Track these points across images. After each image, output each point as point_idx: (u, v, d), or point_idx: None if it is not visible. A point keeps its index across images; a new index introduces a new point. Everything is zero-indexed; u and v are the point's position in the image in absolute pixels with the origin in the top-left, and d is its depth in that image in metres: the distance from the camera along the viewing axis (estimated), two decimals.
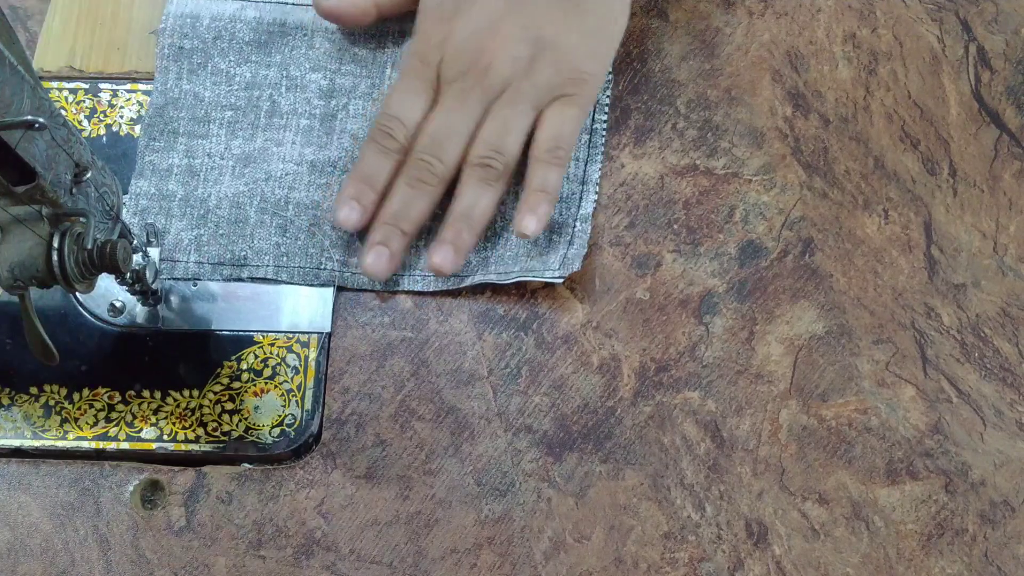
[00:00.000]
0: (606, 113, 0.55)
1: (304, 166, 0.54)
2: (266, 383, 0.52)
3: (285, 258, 0.53)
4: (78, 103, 0.55)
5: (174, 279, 0.53)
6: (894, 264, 0.54)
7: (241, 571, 0.50)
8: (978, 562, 0.51)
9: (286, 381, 0.52)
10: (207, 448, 0.51)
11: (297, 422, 0.52)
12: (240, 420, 0.52)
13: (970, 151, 0.56)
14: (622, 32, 0.54)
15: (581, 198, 0.54)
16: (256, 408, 0.52)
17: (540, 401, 0.52)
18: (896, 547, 0.51)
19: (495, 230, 0.54)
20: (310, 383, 0.52)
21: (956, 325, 0.54)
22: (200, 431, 0.52)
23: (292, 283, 0.53)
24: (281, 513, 0.51)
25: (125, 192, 0.53)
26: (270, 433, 0.52)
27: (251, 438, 0.51)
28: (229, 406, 0.52)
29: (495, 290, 0.54)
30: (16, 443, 0.51)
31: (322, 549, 0.51)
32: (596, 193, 0.54)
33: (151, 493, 0.51)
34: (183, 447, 0.51)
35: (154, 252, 0.52)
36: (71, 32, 0.57)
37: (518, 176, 0.53)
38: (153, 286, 0.52)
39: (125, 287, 0.52)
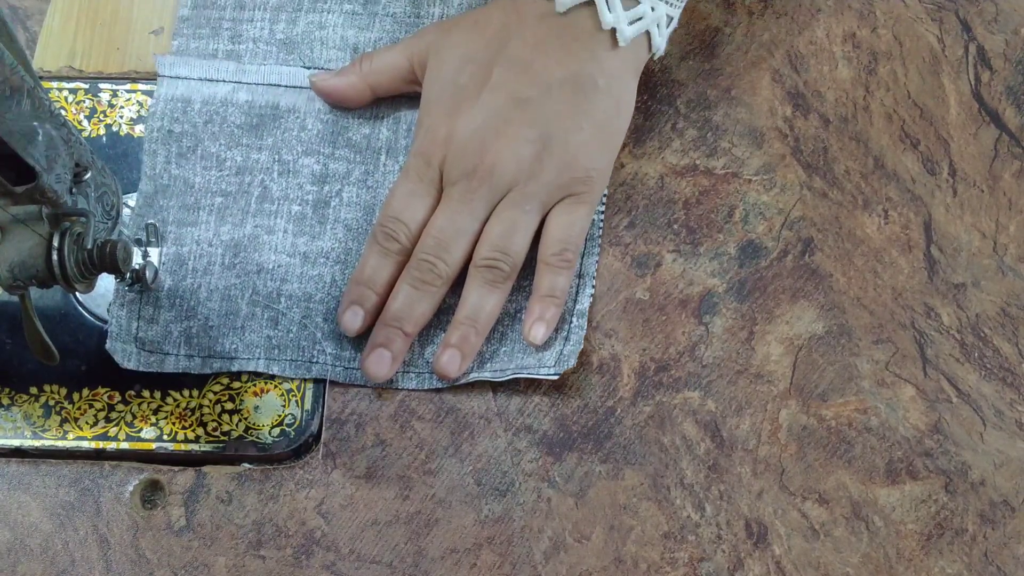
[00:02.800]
0: (603, 203, 0.54)
1: (296, 257, 0.53)
2: (266, 383, 0.52)
3: (276, 351, 0.52)
4: (78, 103, 0.55)
5: (162, 372, 0.52)
6: (894, 264, 0.54)
7: (241, 571, 0.50)
8: (978, 562, 0.51)
9: (286, 381, 0.52)
10: (207, 448, 0.51)
11: (297, 422, 0.52)
12: (240, 420, 0.52)
13: (970, 151, 0.56)
14: (628, 121, 0.53)
15: (578, 292, 0.53)
16: (256, 408, 0.52)
17: (540, 401, 0.52)
18: (896, 547, 0.51)
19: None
20: (310, 383, 0.52)
21: (956, 325, 0.54)
22: (200, 431, 0.52)
23: (283, 376, 0.52)
24: (281, 513, 0.51)
25: (125, 192, 0.53)
26: (270, 433, 0.52)
27: (251, 438, 0.51)
28: (229, 406, 0.52)
29: None
30: (16, 443, 0.51)
31: (322, 549, 0.51)
32: (593, 287, 0.53)
33: (151, 493, 0.52)
34: (183, 447, 0.51)
35: (154, 252, 0.52)
36: (71, 32, 0.57)
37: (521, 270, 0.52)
38: (152, 286, 0.52)
39: (125, 287, 0.52)
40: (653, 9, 0.50)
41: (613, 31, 0.50)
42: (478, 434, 0.52)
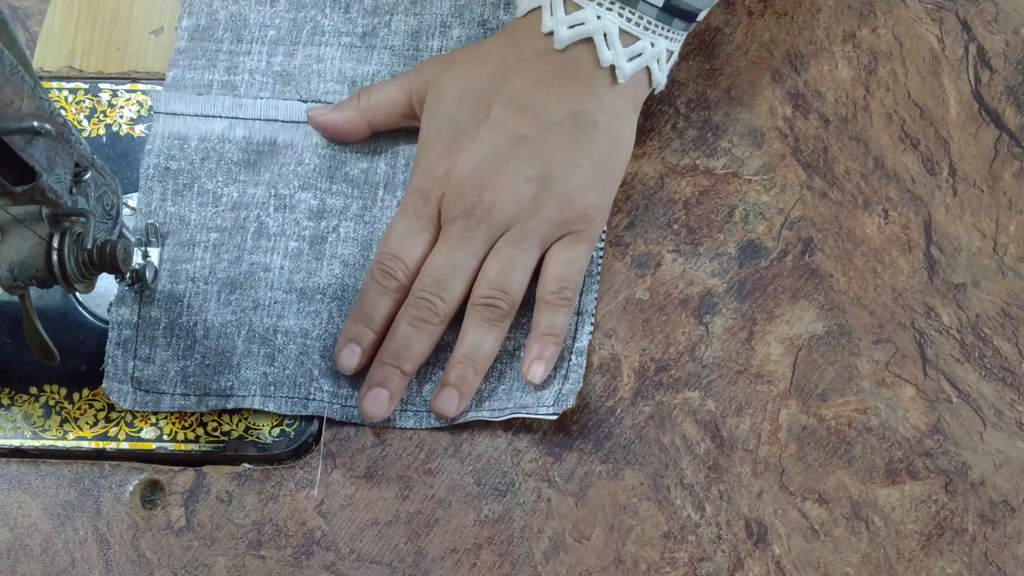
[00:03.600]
0: (602, 240, 0.53)
1: (293, 294, 0.52)
2: None
3: (272, 388, 0.51)
4: (78, 103, 0.55)
5: (157, 412, 0.51)
6: (894, 264, 0.54)
7: (241, 571, 0.50)
8: (978, 562, 0.51)
9: None
10: (207, 448, 0.51)
11: (297, 422, 0.52)
12: (240, 420, 0.52)
13: (970, 151, 0.56)
14: (628, 158, 0.52)
15: (577, 329, 0.52)
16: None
17: None
18: (896, 547, 0.51)
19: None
20: None
21: (956, 325, 0.54)
22: (200, 431, 0.52)
23: (279, 412, 0.51)
24: (281, 513, 0.51)
25: (125, 192, 0.53)
26: (270, 433, 0.52)
27: (251, 438, 0.51)
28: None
29: None
30: (16, 443, 0.51)
31: (322, 549, 0.51)
32: (592, 324, 0.52)
33: (151, 493, 0.52)
34: (183, 447, 0.51)
35: (154, 252, 0.52)
36: (71, 32, 0.57)
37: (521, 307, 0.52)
38: (152, 285, 0.52)
39: (125, 287, 0.52)
40: (653, 45, 0.49)
41: (612, 68, 0.49)
42: (478, 434, 0.52)
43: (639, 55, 0.49)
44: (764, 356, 0.53)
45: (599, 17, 0.48)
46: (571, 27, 0.49)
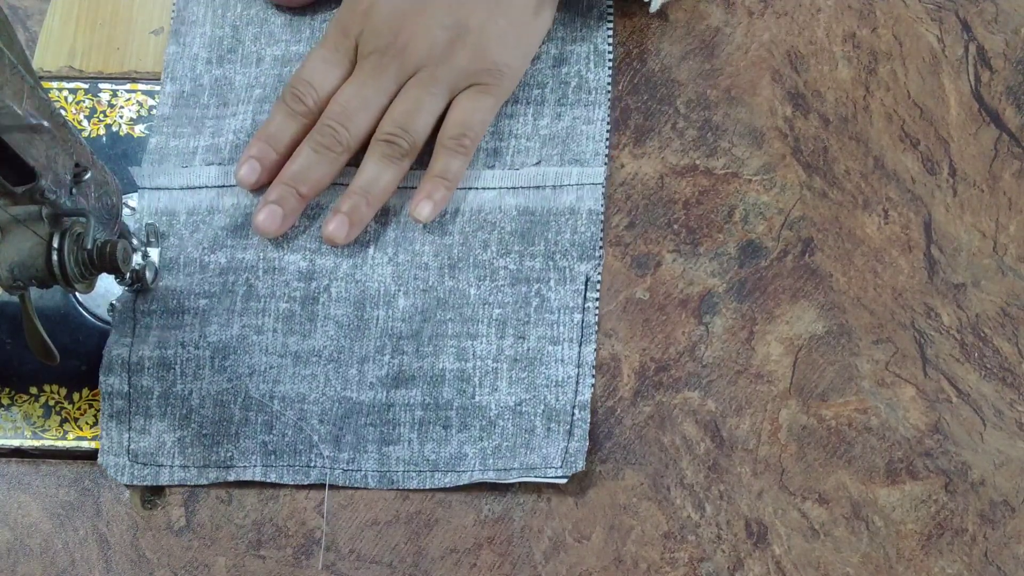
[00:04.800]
0: (598, 291, 0.53)
1: (288, 358, 0.51)
2: None
3: (273, 456, 0.51)
4: (78, 103, 0.55)
5: (157, 485, 0.51)
6: (894, 264, 0.54)
7: (241, 571, 0.50)
8: (978, 562, 0.51)
9: None
10: None
11: None
12: None
13: (970, 151, 0.56)
14: (547, 27, 0.54)
15: (578, 382, 0.52)
16: None
17: None
18: (896, 547, 0.51)
19: (490, 419, 0.51)
20: None
21: (956, 325, 0.54)
22: None
23: (281, 483, 0.51)
24: (281, 513, 0.51)
25: (125, 192, 0.53)
26: None
27: None
28: None
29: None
30: (16, 443, 0.51)
31: (322, 549, 0.51)
32: (593, 376, 0.52)
33: (151, 493, 0.51)
34: None
35: (154, 252, 0.52)
36: (71, 32, 0.57)
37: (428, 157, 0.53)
38: (152, 286, 0.52)
39: (125, 287, 0.52)
40: None
41: None
42: None
43: None
44: (764, 356, 0.53)
45: None
46: None
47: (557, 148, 0.54)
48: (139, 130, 0.55)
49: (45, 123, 0.40)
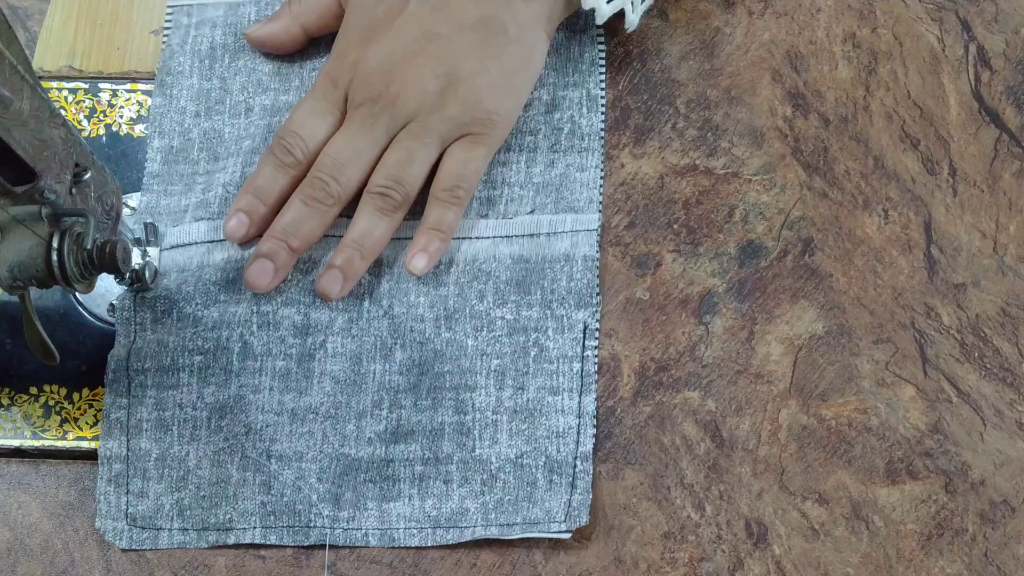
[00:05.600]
0: (597, 339, 0.52)
1: (284, 416, 0.51)
2: None
3: (272, 517, 0.50)
4: (78, 103, 0.55)
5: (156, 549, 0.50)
6: (894, 264, 0.54)
7: (241, 571, 0.50)
8: (978, 562, 0.51)
9: None
10: None
11: None
12: None
13: (970, 151, 0.56)
14: (538, 74, 0.53)
15: (579, 433, 0.51)
16: None
17: None
18: (896, 547, 0.51)
19: (491, 472, 0.51)
20: None
21: (956, 325, 0.54)
22: None
23: (281, 544, 0.50)
24: None
25: (125, 192, 0.53)
26: None
27: None
28: None
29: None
30: (16, 443, 0.51)
31: (322, 549, 0.50)
32: (594, 427, 0.51)
33: None
34: None
35: (154, 252, 0.52)
36: (71, 32, 0.57)
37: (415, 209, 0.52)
38: (152, 285, 0.52)
39: (125, 286, 0.52)
40: None
41: None
42: None
43: None
44: (764, 356, 0.53)
45: None
46: None
47: (551, 196, 0.54)
48: (139, 130, 0.55)
49: (45, 123, 0.40)
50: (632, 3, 0.51)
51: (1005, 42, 0.58)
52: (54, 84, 0.56)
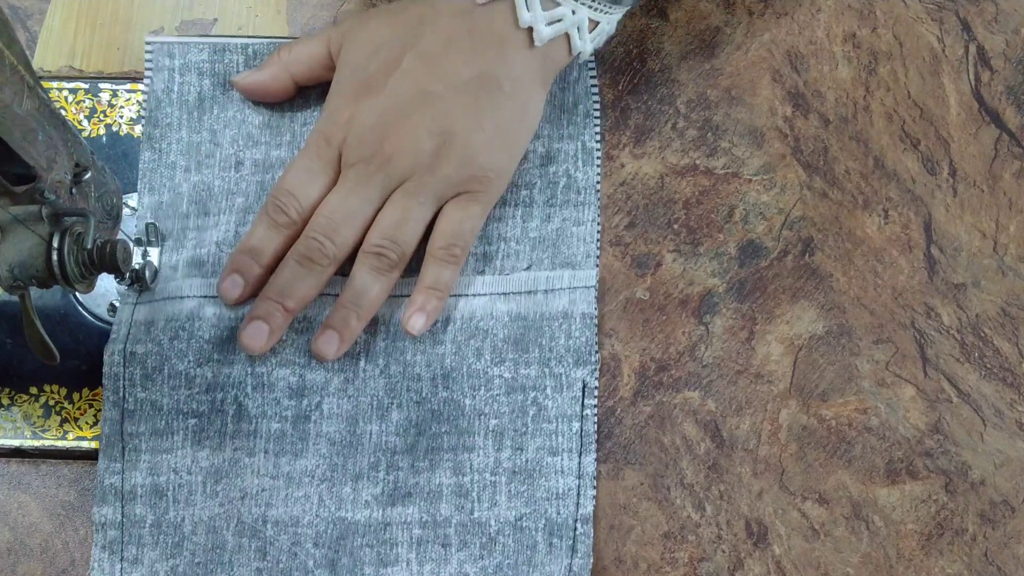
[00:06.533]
0: (595, 397, 0.52)
1: (280, 479, 0.50)
2: None
3: None
4: (78, 103, 0.55)
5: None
6: (894, 264, 0.54)
7: None
8: (978, 562, 0.51)
9: None
10: None
11: None
12: None
13: (970, 151, 0.56)
14: (534, 129, 0.52)
15: (579, 494, 0.50)
16: None
17: None
18: (896, 547, 0.51)
19: (490, 535, 0.50)
20: None
21: (956, 325, 0.54)
22: None
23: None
24: None
25: (125, 192, 0.53)
26: None
27: None
28: None
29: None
30: (16, 443, 0.51)
31: None
32: (594, 488, 0.51)
33: None
34: None
35: (154, 252, 0.52)
36: (71, 32, 0.57)
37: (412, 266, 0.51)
38: (152, 286, 0.52)
39: (125, 286, 0.52)
40: (574, 12, 0.49)
41: (530, 30, 0.49)
42: None
43: (559, 20, 0.49)
44: (764, 356, 0.53)
45: None
46: None
47: (548, 251, 0.53)
48: (139, 130, 0.55)
49: (45, 123, 0.40)
50: (578, 29, 0.50)
51: (1005, 42, 0.58)
52: (54, 84, 0.56)
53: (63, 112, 0.53)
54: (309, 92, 0.54)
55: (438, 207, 0.51)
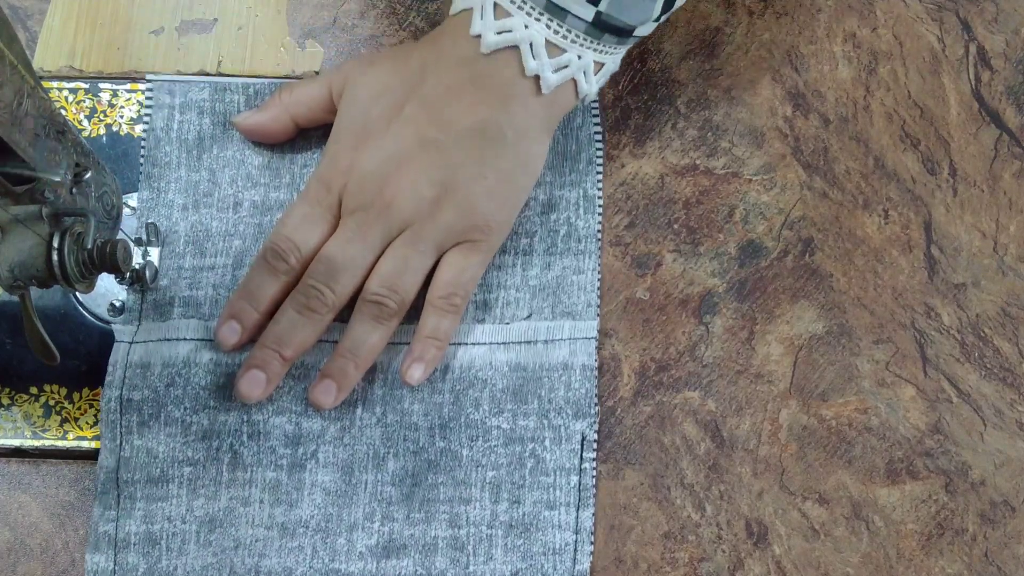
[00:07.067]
0: (595, 450, 0.51)
1: (274, 530, 0.50)
2: None
3: None
4: (78, 103, 0.55)
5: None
6: (894, 264, 0.55)
7: None
8: (978, 562, 0.51)
9: None
10: None
11: None
12: None
13: (970, 151, 0.56)
14: (536, 177, 0.51)
15: (576, 550, 0.50)
16: None
17: None
18: (896, 547, 0.51)
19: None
20: None
21: (956, 325, 0.54)
22: None
23: None
24: None
25: (125, 192, 0.53)
26: None
27: None
28: None
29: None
30: (16, 443, 0.51)
31: None
32: (592, 544, 0.50)
33: None
34: None
35: (154, 252, 0.52)
36: (71, 32, 0.57)
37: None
38: (152, 286, 0.52)
39: (125, 287, 0.52)
40: (580, 57, 0.49)
41: (536, 78, 0.49)
42: None
43: (565, 67, 0.49)
44: (764, 356, 0.53)
45: (527, 27, 0.48)
46: (499, 33, 0.48)
47: (548, 299, 0.53)
48: (139, 130, 0.55)
49: (45, 123, 0.40)
50: (584, 72, 0.49)
51: (1005, 42, 0.58)
52: (54, 84, 0.56)
53: (63, 112, 0.53)
54: (310, 134, 0.54)
55: (438, 255, 0.50)
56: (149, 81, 0.55)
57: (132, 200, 0.54)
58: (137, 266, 0.51)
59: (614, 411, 0.52)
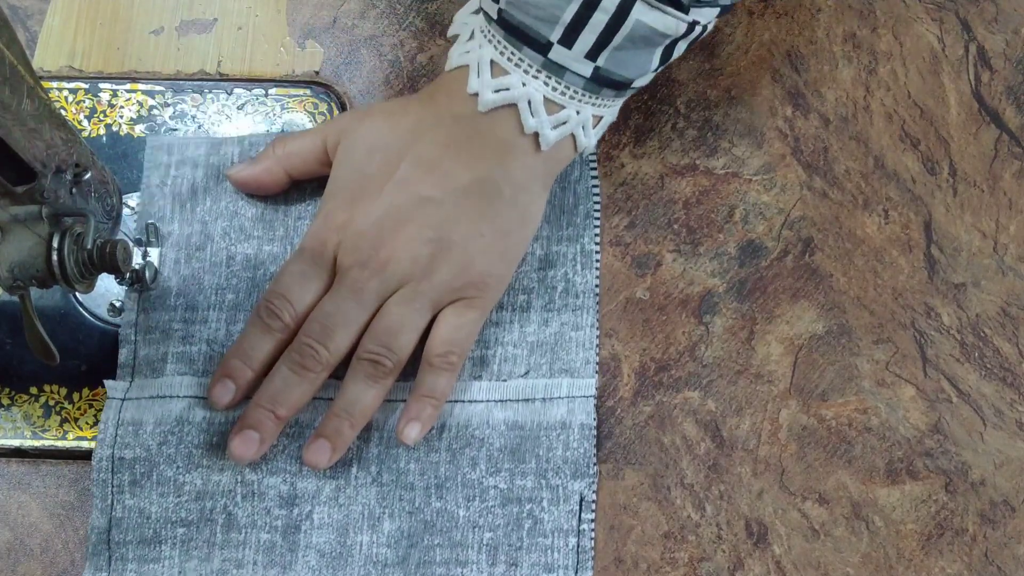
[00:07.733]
0: (593, 511, 0.50)
1: None
2: None
3: None
4: (78, 103, 0.55)
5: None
6: (894, 264, 0.54)
7: None
8: (978, 562, 0.51)
9: None
10: None
11: None
12: None
13: (970, 151, 0.56)
14: (534, 233, 0.51)
15: (577, 573, 0.50)
16: None
17: None
18: (896, 547, 0.51)
19: None
20: None
21: (956, 325, 0.54)
22: None
23: None
24: None
25: (125, 192, 0.53)
26: None
27: None
28: None
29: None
30: (16, 443, 0.51)
31: None
32: (591, 568, 0.50)
33: None
34: None
35: (154, 252, 0.52)
36: (71, 32, 0.57)
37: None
38: (152, 286, 0.52)
39: (125, 287, 0.52)
40: (578, 112, 0.48)
41: (535, 135, 0.48)
42: None
43: (564, 123, 0.48)
44: (764, 356, 0.53)
45: (525, 84, 0.47)
46: (496, 91, 0.48)
47: (546, 356, 0.52)
48: (139, 130, 0.55)
49: (45, 123, 0.40)
50: (583, 127, 0.49)
51: (1005, 42, 0.58)
52: (54, 84, 0.56)
53: (63, 112, 0.53)
54: (304, 186, 0.53)
55: (434, 313, 0.50)
56: (150, 145, 0.54)
57: (132, 200, 0.54)
58: (137, 266, 0.51)
59: (614, 411, 0.52)
